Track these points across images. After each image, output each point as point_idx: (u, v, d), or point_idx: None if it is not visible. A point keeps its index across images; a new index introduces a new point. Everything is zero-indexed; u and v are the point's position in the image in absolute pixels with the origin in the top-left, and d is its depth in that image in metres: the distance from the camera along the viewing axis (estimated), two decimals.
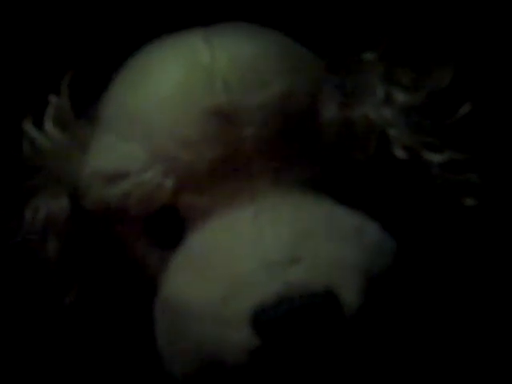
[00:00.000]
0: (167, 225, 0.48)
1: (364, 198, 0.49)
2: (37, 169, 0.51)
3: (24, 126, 0.52)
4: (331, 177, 0.48)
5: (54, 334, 0.51)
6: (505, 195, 0.54)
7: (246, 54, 0.49)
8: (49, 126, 0.52)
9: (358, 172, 0.49)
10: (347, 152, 0.49)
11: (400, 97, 0.50)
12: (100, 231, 0.51)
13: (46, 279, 0.51)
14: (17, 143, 0.52)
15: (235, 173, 0.47)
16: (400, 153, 0.50)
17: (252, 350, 0.43)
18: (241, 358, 0.43)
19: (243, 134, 0.47)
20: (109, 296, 0.52)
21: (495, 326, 0.54)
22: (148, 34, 0.52)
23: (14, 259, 0.51)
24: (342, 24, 0.57)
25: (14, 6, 0.60)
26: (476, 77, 0.54)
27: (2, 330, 0.52)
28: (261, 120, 0.47)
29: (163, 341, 0.47)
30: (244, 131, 0.47)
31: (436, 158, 0.50)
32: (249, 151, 0.47)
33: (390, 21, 0.56)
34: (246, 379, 0.44)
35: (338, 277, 0.43)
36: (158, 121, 0.48)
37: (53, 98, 0.52)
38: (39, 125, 0.52)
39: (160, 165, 0.47)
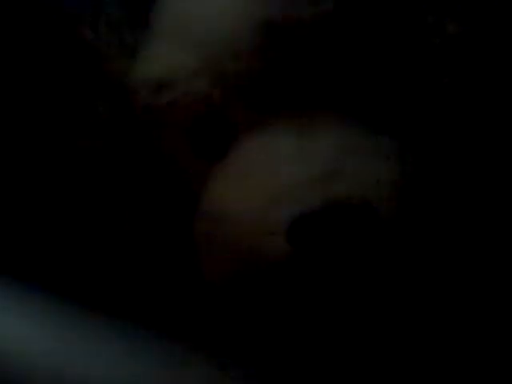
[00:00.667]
0: (212, 136, 0.49)
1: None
2: (92, 72, 0.52)
3: (80, 29, 0.53)
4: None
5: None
6: None
7: None
8: (103, 30, 0.52)
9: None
10: None
11: None
12: (146, 139, 0.51)
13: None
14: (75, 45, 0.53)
15: (283, 88, 0.47)
16: None
17: (287, 257, 0.44)
18: (276, 266, 0.44)
19: (294, 50, 0.47)
20: (149, 208, 0.52)
21: None
22: None
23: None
24: None
25: None
26: None
27: None
28: (312, 37, 0.47)
29: (202, 249, 0.48)
30: (295, 47, 0.47)
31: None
32: (298, 67, 0.47)
33: None
34: (281, 286, 0.45)
35: (376, 192, 0.45)
36: (211, 31, 0.48)
37: (107, 4, 0.52)
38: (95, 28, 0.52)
39: (209, 75, 0.48)
